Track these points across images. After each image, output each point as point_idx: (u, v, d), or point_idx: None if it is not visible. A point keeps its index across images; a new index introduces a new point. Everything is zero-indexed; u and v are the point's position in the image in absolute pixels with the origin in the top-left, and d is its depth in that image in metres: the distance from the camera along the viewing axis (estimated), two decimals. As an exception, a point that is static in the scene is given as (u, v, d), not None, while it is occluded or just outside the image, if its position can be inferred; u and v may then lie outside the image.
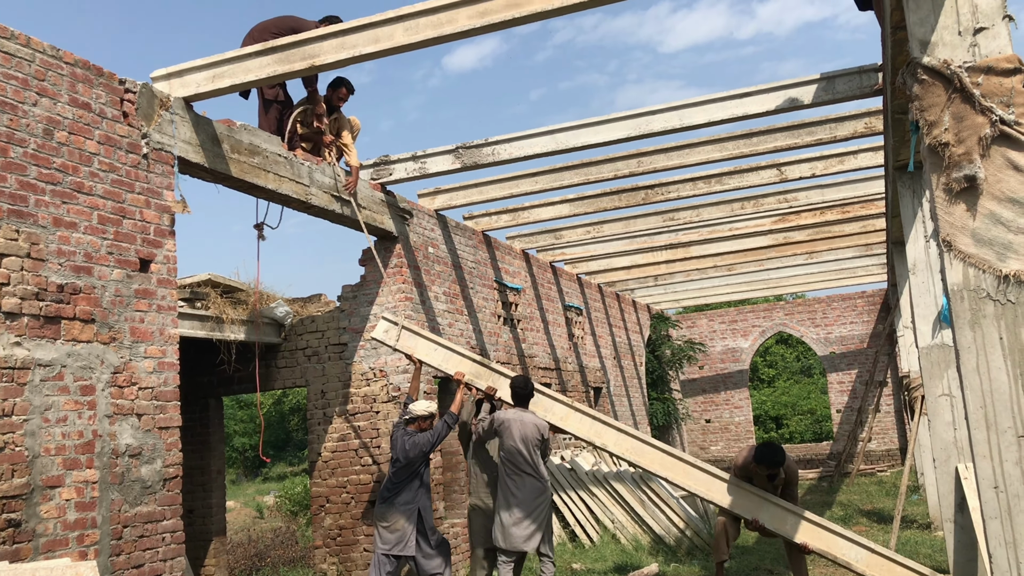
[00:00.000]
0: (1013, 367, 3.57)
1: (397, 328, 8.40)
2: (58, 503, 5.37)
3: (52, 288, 5.48)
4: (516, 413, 7.65)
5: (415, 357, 8.31)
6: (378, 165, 9.53)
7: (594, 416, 7.95)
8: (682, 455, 7.77)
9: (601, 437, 7.84)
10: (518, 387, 7.76)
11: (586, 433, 7.92)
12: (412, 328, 8.44)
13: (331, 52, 6.29)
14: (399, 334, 8.38)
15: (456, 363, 8.24)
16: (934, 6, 3.80)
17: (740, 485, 7.50)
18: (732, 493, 7.51)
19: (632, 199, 11.26)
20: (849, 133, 8.82)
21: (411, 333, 8.41)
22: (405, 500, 7.47)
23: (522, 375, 7.94)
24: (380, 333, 8.45)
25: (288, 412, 31.17)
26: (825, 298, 21.50)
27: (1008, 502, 3.54)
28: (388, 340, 8.38)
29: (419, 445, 7.49)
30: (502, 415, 7.65)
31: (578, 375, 14.69)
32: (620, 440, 7.81)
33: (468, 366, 8.20)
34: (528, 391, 7.77)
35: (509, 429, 7.55)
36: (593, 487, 11.33)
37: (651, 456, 7.74)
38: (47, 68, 5.63)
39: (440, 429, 7.60)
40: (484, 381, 8.12)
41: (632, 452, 7.76)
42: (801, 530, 7.25)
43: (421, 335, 8.40)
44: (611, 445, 7.82)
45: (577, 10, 5.61)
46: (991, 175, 3.65)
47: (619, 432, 7.84)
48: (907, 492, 12.00)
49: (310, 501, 10.28)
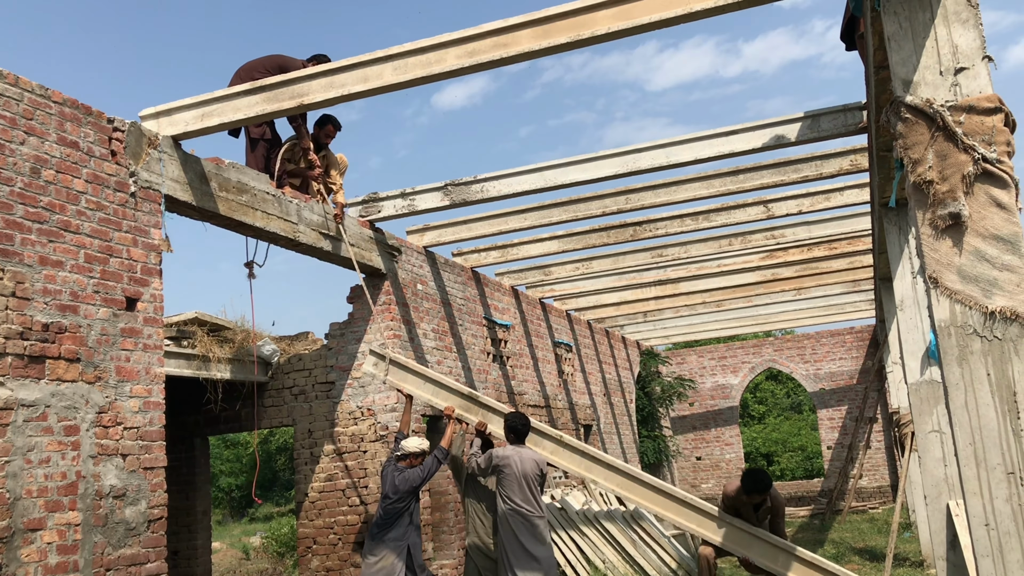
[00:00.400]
0: (1001, 403, 3.57)
1: (385, 362, 8.38)
2: (39, 546, 5.27)
3: (37, 327, 5.44)
4: (514, 450, 7.56)
5: (406, 391, 8.27)
6: (367, 202, 9.54)
7: (583, 450, 7.88)
8: (672, 490, 7.70)
9: (591, 471, 7.78)
10: (516, 424, 7.68)
11: (576, 467, 7.85)
12: (400, 361, 8.40)
13: (320, 91, 6.32)
14: (387, 368, 8.37)
15: (445, 396, 8.19)
16: (915, 46, 3.86)
17: (731, 521, 7.44)
18: (723, 528, 7.44)
19: (620, 235, 11.30)
20: (835, 170, 8.89)
21: (399, 367, 8.37)
22: (395, 536, 7.40)
23: (518, 411, 7.88)
24: (369, 367, 8.47)
25: (275, 451, 30.88)
26: (814, 334, 21.55)
27: (999, 540, 3.52)
28: (378, 374, 8.41)
29: (409, 481, 7.43)
30: (501, 452, 7.56)
31: (568, 412, 14.62)
32: (609, 475, 7.75)
33: (457, 400, 8.15)
34: (526, 428, 7.71)
35: (510, 467, 7.47)
36: (584, 527, 11.23)
37: (641, 491, 7.67)
38: (35, 107, 5.64)
39: (430, 465, 7.55)
40: (474, 416, 8.06)
41: (622, 487, 7.70)
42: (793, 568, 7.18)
43: (409, 368, 8.36)
44: (601, 480, 7.75)
45: (563, 50, 5.66)
46: (975, 212, 3.68)
47: (608, 467, 7.78)
48: (899, 529, 11.94)
49: (297, 542, 10.15)
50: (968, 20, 3.78)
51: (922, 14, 3.86)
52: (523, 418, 7.74)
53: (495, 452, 7.59)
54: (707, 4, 5.10)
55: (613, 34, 5.41)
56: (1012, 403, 3.54)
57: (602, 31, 5.40)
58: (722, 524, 7.44)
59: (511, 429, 7.67)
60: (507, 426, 7.70)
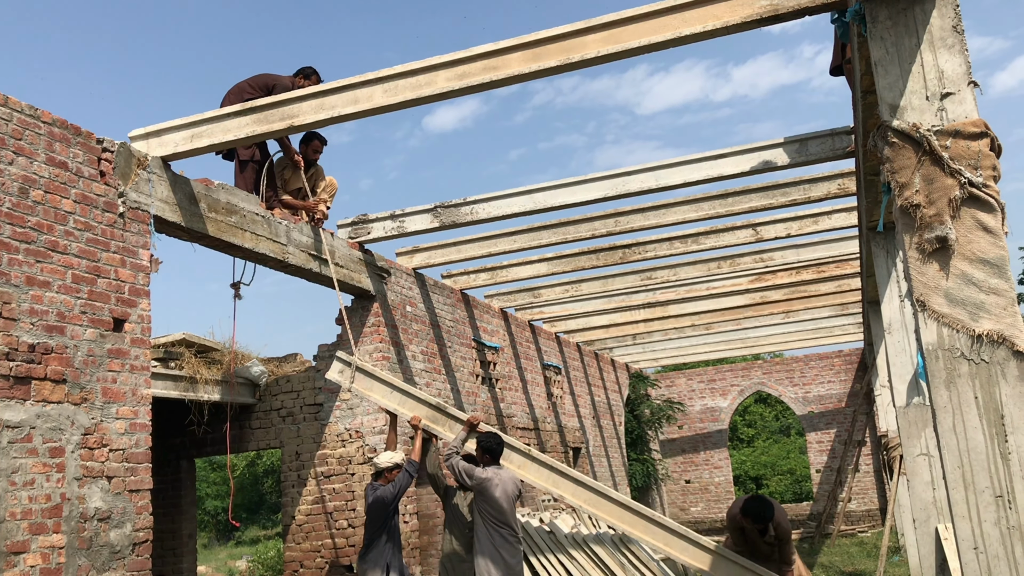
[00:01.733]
0: (989, 426, 3.57)
1: (351, 369, 8.12)
2: (22, 569, 5.21)
3: (23, 348, 5.40)
4: (493, 471, 7.52)
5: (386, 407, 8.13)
6: (356, 224, 9.54)
7: (551, 466, 7.84)
8: (639, 507, 7.67)
9: (559, 487, 7.74)
10: (491, 444, 7.63)
11: (543, 482, 7.82)
12: (366, 368, 8.18)
13: (310, 112, 6.33)
14: (353, 375, 8.11)
15: (412, 407, 8.02)
16: (902, 72, 3.90)
17: (696, 539, 7.39)
18: (689, 547, 7.37)
19: (609, 258, 11.32)
20: (823, 194, 8.94)
21: (365, 374, 8.15)
22: (373, 557, 7.42)
23: (492, 432, 7.80)
24: (334, 374, 8.16)
25: (262, 474, 30.66)
26: (803, 357, 21.58)
27: (988, 563, 3.52)
28: (343, 382, 8.12)
29: (381, 498, 7.42)
30: (481, 474, 7.50)
31: (557, 435, 14.58)
32: (577, 491, 7.72)
33: (424, 410, 7.99)
34: (501, 447, 7.67)
35: (491, 488, 7.42)
36: (572, 550, 11.16)
37: (609, 508, 7.65)
38: (24, 127, 5.63)
39: (401, 480, 7.50)
40: (441, 426, 7.94)
41: (590, 503, 7.66)
42: None
43: (376, 376, 8.16)
44: (568, 496, 7.73)
45: (553, 74, 5.69)
46: (962, 236, 3.71)
47: (576, 483, 7.74)
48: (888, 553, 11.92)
49: (284, 566, 10.05)
50: (954, 46, 3.82)
51: (908, 40, 3.90)
52: (497, 438, 7.69)
53: (476, 472, 7.49)
54: (695, 29, 5.15)
55: (603, 58, 5.45)
56: (1000, 426, 3.55)
57: (592, 55, 5.44)
58: (688, 542, 7.37)
59: (487, 450, 7.60)
60: (482, 447, 7.63)
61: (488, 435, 7.72)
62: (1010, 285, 3.64)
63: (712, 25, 5.10)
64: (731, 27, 5.09)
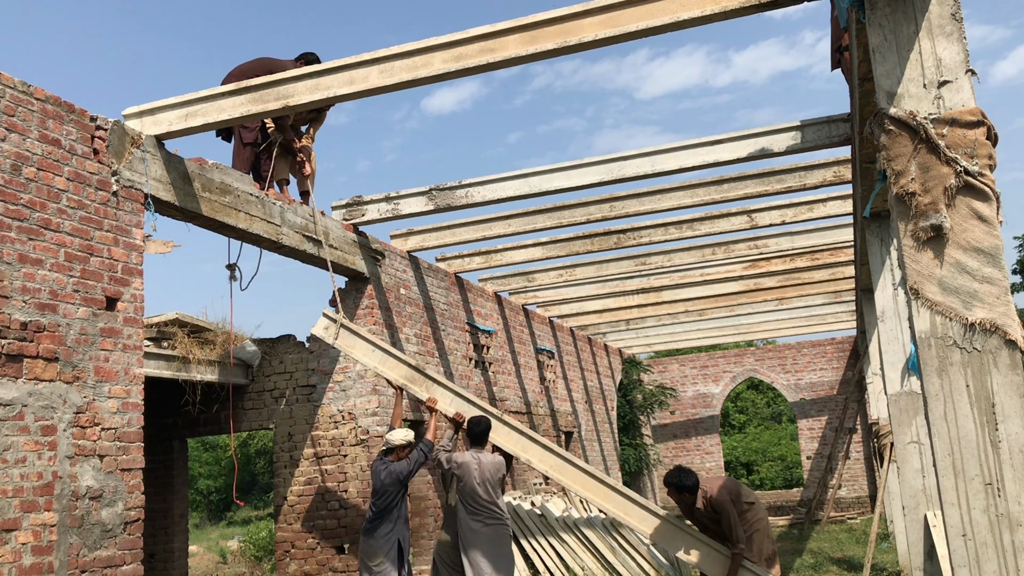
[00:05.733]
0: (979, 415, 3.59)
1: (336, 325, 8.40)
2: (14, 547, 5.21)
3: (15, 326, 5.38)
4: (472, 455, 7.63)
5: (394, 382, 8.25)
6: (351, 206, 9.51)
7: (520, 430, 8.09)
8: (603, 477, 7.97)
9: (526, 452, 8.01)
10: (475, 429, 7.76)
11: (512, 446, 8.07)
12: (351, 327, 8.42)
13: (306, 92, 6.30)
14: (338, 332, 8.39)
15: (393, 366, 8.25)
16: (900, 59, 3.89)
17: (655, 511, 7.60)
18: (647, 517, 7.65)
19: (604, 243, 11.31)
20: (818, 181, 8.95)
21: (350, 332, 8.39)
22: (384, 532, 7.51)
23: (477, 416, 7.92)
24: (320, 330, 8.44)
25: (254, 455, 30.69)
26: (795, 344, 21.65)
27: (976, 550, 3.54)
28: (327, 337, 8.40)
29: (395, 474, 7.54)
30: (459, 457, 7.61)
31: (549, 419, 14.62)
32: (544, 456, 8.04)
33: (404, 370, 8.22)
34: (485, 432, 7.78)
35: (469, 472, 7.51)
36: (563, 533, 11.21)
37: (573, 474, 7.97)
38: (17, 104, 5.59)
39: (417, 458, 7.65)
40: (419, 387, 8.15)
41: (555, 469, 7.99)
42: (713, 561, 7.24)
43: (360, 335, 8.40)
44: (535, 460, 8.00)
45: (550, 56, 5.66)
46: (957, 225, 3.71)
47: (544, 449, 8.04)
48: (877, 540, 11.99)
49: (275, 546, 10.07)
50: (952, 34, 3.81)
51: (907, 27, 3.89)
52: (481, 423, 7.80)
53: (454, 457, 7.65)
54: (693, 13, 5.12)
55: (600, 41, 5.42)
56: (991, 414, 3.57)
57: (589, 38, 5.41)
58: (646, 513, 7.63)
59: (469, 434, 7.77)
60: (466, 431, 7.80)
61: (473, 419, 7.87)
62: (1003, 274, 3.65)
63: (711, 9, 5.08)
64: (730, 12, 5.07)
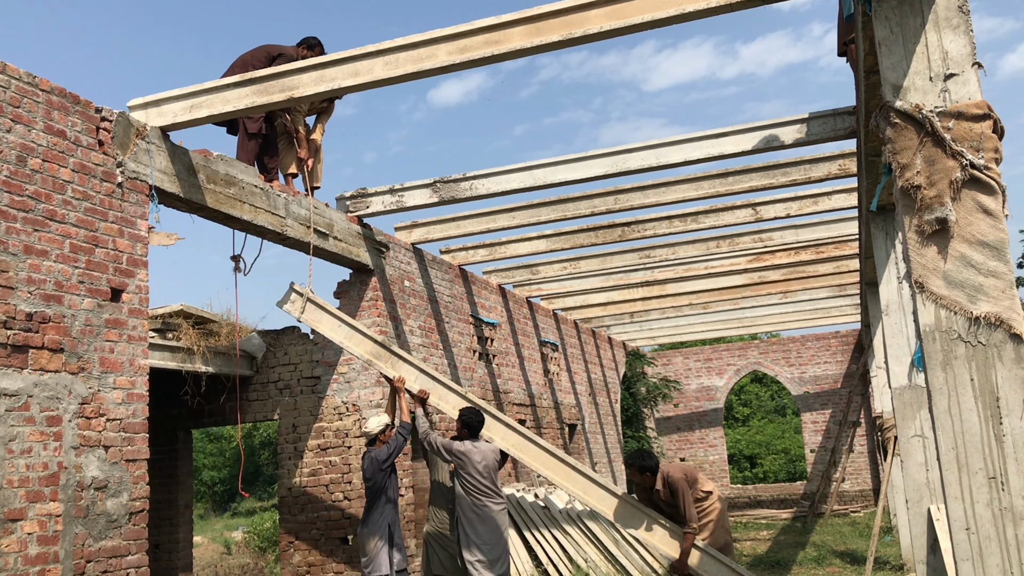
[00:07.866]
0: (984, 408, 3.59)
1: (303, 299, 8.36)
2: (19, 537, 5.24)
3: (21, 316, 5.40)
4: (472, 444, 7.71)
5: (332, 339, 8.31)
6: (355, 198, 9.51)
7: (487, 410, 8.17)
8: (565, 457, 8.13)
9: (489, 430, 8.09)
10: (472, 420, 7.82)
11: None
12: (316, 301, 8.42)
13: (310, 84, 6.29)
14: (304, 305, 8.35)
15: (359, 341, 8.28)
16: (906, 52, 3.87)
17: (614, 491, 7.79)
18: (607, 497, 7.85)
19: (609, 236, 11.30)
20: (823, 174, 8.92)
21: (316, 307, 8.39)
22: (375, 518, 7.60)
23: (471, 407, 7.99)
24: (287, 304, 8.41)
25: (258, 446, 30.78)
26: (799, 337, 21.62)
27: (980, 544, 3.54)
28: (294, 311, 8.38)
29: (376, 461, 7.61)
30: (460, 447, 7.67)
31: (553, 412, 14.63)
32: (507, 435, 8.17)
33: (369, 345, 8.25)
34: (481, 424, 7.86)
35: (471, 461, 7.59)
36: (567, 525, 11.23)
37: (534, 453, 8.14)
38: (22, 95, 5.59)
39: (395, 441, 7.71)
40: (384, 363, 8.19)
41: (517, 447, 8.14)
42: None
43: (326, 309, 8.42)
44: (498, 439, 8.09)
45: (555, 49, 5.66)
46: (962, 218, 3.70)
47: (507, 427, 8.19)
48: (880, 533, 12.00)
49: (279, 537, 10.11)
50: (959, 26, 3.79)
51: (913, 19, 3.87)
52: (478, 415, 7.87)
53: (455, 445, 7.70)
54: (699, 5, 5.11)
55: (605, 33, 5.41)
56: (995, 408, 3.56)
57: (594, 30, 5.40)
58: (605, 492, 7.82)
59: (466, 424, 7.81)
60: (463, 421, 7.84)
61: (468, 409, 7.93)
62: (1009, 268, 3.64)
63: (717, 1, 5.06)
64: (736, 4, 5.05)
